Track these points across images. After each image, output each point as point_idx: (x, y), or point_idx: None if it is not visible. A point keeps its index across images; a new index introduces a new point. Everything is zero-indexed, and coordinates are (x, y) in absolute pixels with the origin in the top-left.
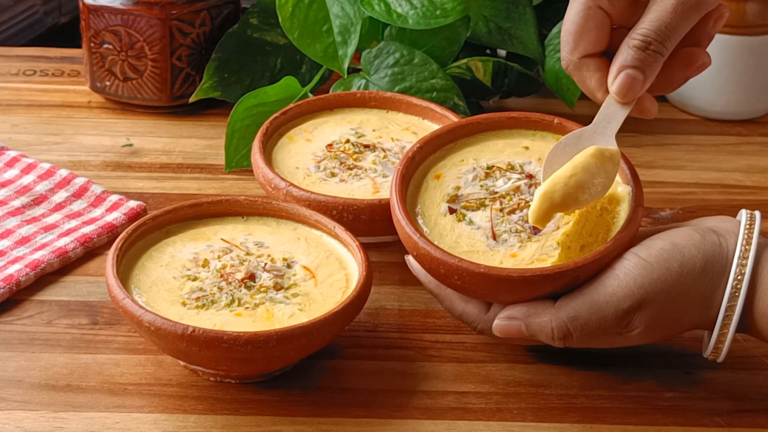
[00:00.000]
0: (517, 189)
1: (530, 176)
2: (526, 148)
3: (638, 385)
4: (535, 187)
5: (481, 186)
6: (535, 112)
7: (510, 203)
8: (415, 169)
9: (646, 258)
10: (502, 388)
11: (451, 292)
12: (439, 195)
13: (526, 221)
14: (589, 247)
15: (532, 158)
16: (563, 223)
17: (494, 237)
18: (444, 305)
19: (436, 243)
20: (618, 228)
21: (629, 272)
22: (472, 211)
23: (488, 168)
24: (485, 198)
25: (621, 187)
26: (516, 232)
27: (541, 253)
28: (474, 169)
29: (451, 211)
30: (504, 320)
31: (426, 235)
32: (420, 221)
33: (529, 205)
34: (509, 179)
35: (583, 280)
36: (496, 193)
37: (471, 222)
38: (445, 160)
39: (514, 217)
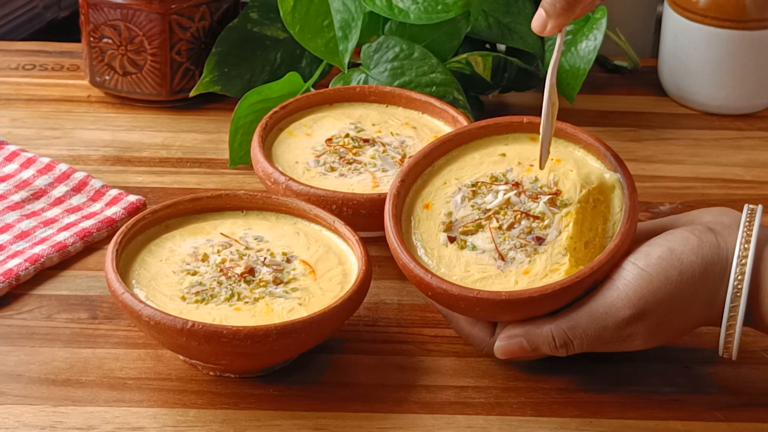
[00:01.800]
0: (508, 202)
1: (517, 184)
2: (503, 154)
3: (637, 379)
4: (525, 195)
5: (472, 206)
6: (535, 101)
7: (506, 218)
8: (403, 204)
9: (644, 268)
10: (502, 382)
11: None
12: (434, 225)
13: (528, 233)
14: (592, 242)
15: (512, 164)
16: (564, 227)
17: (502, 258)
18: (451, 326)
19: (446, 278)
20: (615, 217)
21: (629, 283)
22: (472, 235)
23: (473, 185)
24: (480, 218)
25: (608, 174)
26: (521, 246)
27: (552, 263)
28: (459, 189)
29: (451, 239)
30: (504, 340)
31: (434, 270)
32: (424, 258)
33: (525, 216)
34: (497, 193)
35: (602, 279)
36: (489, 210)
37: (474, 247)
38: (428, 186)
39: (515, 231)
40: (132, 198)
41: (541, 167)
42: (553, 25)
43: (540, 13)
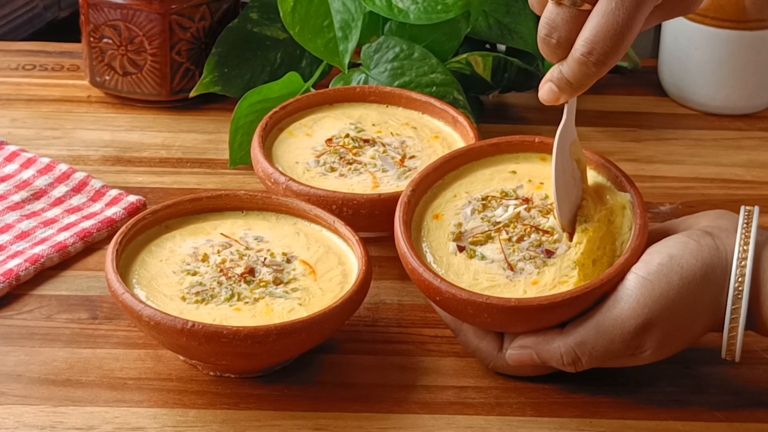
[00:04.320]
0: (518, 216)
1: (527, 200)
2: (514, 172)
3: (637, 379)
4: (535, 210)
5: (482, 218)
6: (535, 101)
7: (516, 231)
8: (413, 212)
9: (646, 276)
10: (502, 382)
11: (467, 326)
12: (443, 235)
13: (537, 246)
14: (600, 260)
15: (522, 181)
16: (574, 243)
17: (511, 268)
18: (459, 339)
19: (455, 284)
20: (623, 237)
21: (631, 293)
22: (481, 245)
23: (483, 199)
24: (490, 230)
25: (619, 195)
26: (530, 258)
27: (561, 276)
28: (469, 202)
29: (460, 249)
30: (516, 349)
31: (443, 277)
32: (433, 265)
33: (535, 230)
34: (507, 207)
35: (611, 291)
36: (499, 222)
37: (483, 257)
38: (438, 198)
39: (524, 244)
40: (132, 198)
41: (565, 230)
42: (566, 98)
43: (551, 87)
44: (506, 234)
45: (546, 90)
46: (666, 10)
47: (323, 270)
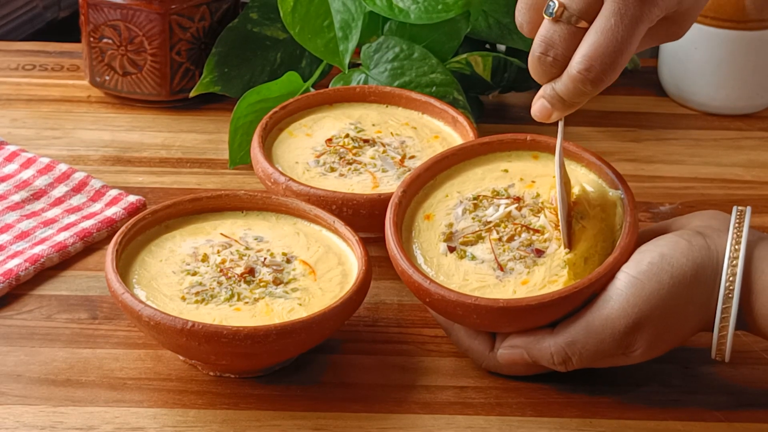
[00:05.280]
0: (509, 215)
1: (518, 199)
2: (506, 170)
3: (637, 380)
4: (526, 209)
5: (473, 218)
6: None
7: (506, 230)
8: (404, 213)
9: (636, 275)
10: (502, 382)
11: (459, 326)
12: (434, 236)
13: (527, 245)
14: (592, 258)
15: (514, 180)
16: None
17: (501, 268)
18: (451, 339)
19: (445, 285)
20: (615, 235)
21: (622, 293)
22: (471, 245)
23: (475, 198)
24: (480, 230)
25: (611, 192)
26: (520, 258)
27: (551, 275)
28: (461, 202)
29: (451, 249)
30: (507, 349)
31: (433, 278)
32: (423, 266)
33: (526, 229)
34: (498, 206)
35: (600, 290)
36: (490, 222)
37: (474, 257)
38: (430, 198)
39: (515, 243)
40: (132, 198)
41: (567, 247)
42: (558, 116)
43: (544, 104)
44: (497, 234)
45: (538, 106)
46: (652, 36)
47: (323, 270)
